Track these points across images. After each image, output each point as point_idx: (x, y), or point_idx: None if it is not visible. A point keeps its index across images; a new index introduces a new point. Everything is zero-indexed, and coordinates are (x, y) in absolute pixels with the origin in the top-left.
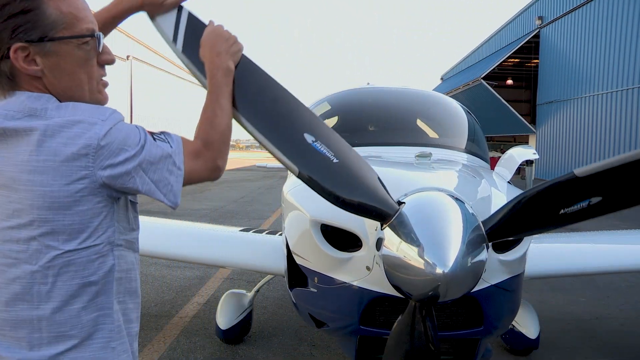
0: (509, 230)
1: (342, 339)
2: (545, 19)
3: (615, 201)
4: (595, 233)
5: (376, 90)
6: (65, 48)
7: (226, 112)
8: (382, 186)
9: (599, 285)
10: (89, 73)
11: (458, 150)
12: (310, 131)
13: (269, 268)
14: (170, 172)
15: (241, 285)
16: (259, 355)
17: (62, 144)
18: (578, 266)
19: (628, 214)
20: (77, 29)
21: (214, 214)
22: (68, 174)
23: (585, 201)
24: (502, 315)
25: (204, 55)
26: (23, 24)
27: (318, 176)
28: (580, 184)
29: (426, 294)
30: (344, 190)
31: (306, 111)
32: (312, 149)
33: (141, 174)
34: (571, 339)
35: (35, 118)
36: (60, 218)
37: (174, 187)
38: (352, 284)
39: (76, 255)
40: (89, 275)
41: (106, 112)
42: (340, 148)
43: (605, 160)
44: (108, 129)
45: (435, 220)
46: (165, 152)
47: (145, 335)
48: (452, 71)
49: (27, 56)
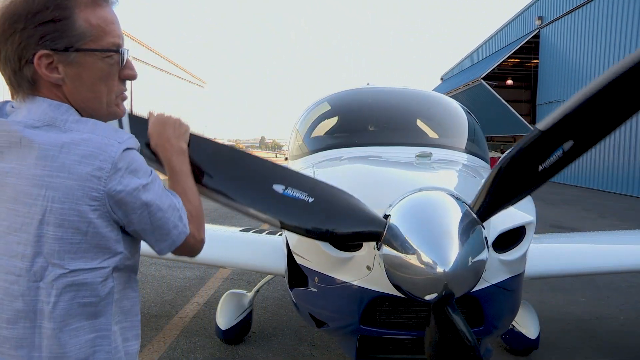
0: (497, 203)
1: (342, 339)
2: (545, 19)
3: (587, 139)
4: (595, 233)
5: (376, 90)
6: (89, 60)
7: (192, 191)
8: (364, 207)
9: (599, 285)
10: (109, 86)
11: (458, 150)
12: (277, 181)
13: (269, 268)
14: (175, 227)
15: (241, 285)
16: (259, 355)
17: (76, 162)
18: (578, 266)
19: (628, 214)
20: (103, 42)
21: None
22: (80, 194)
23: (559, 150)
24: (503, 314)
25: (156, 145)
26: (51, 32)
27: (300, 221)
28: (548, 135)
29: (427, 293)
30: (329, 224)
31: (266, 163)
32: (285, 197)
33: (145, 215)
34: (571, 339)
35: (54, 128)
36: (69, 236)
37: (173, 242)
38: (352, 283)
39: (81, 275)
40: (89, 296)
41: (124, 136)
42: (312, 186)
43: (563, 106)
44: (124, 153)
45: (436, 219)
46: (174, 203)
47: (145, 335)
48: (452, 71)
49: (51, 63)
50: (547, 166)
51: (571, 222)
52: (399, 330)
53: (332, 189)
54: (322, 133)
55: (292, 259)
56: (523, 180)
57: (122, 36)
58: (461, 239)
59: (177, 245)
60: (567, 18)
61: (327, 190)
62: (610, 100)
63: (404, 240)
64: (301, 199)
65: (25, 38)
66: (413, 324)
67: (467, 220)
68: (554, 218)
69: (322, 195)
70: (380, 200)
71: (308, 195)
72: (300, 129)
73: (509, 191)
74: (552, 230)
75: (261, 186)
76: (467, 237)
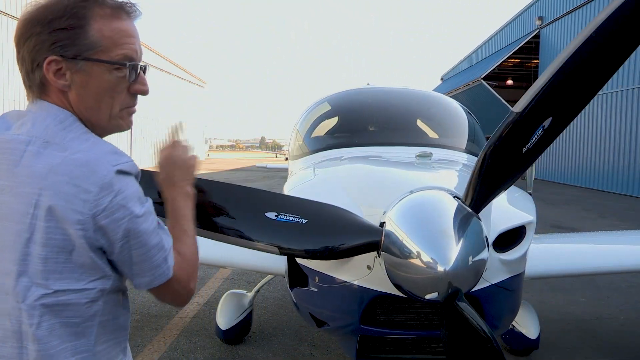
0: (488, 191)
1: (342, 339)
2: (545, 19)
3: (565, 113)
4: (595, 233)
5: (376, 91)
6: (97, 70)
7: (191, 236)
8: (358, 219)
9: (599, 285)
10: (115, 98)
11: (458, 150)
12: (269, 209)
13: (269, 268)
14: (157, 267)
15: (241, 285)
16: (259, 355)
17: (64, 182)
18: (578, 266)
19: (628, 214)
20: (112, 54)
21: None
22: (64, 215)
23: (539, 129)
24: (503, 314)
25: (163, 180)
26: (63, 39)
27: (297, 244)
28: (526, 117)
29: (428, 293)
30: (327, 242)
31: (255, 192)
32: (279, 223)
33: (126, 247)
34: (571, 339)
35: (52, 145)
36: (54, 256)
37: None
38: (352, 283)
39: (66, 296)
40: (73, 317)
41: (121, 158)
42: (304, 207)
43: (534, 85)
44: (116, 177)
45: (431, 218)
46: (162, 242)
47: (145, 335)
48: (452, 71)
49: (60, 70)
50: (530, 146)
51: (571, 222)
52: (400, 330)
53: (324, 207)
54: (322, 133)
55: (292, 258)
56: (509, 165)
57: (139, 51)
58: (458, 234)
59: (156, 285)
60: (567, 18)
61: (319, 209)
62: (580, 70)
63: (402, 246)
64: (295, 221)
65: (39, 42)
66: (413, 323)
67: (462, 215)
68: (554, 218)
69: (315, 215)
70: (381, 201)
71: (301, 217)
72: (300, 129)
73: (497, 178)
74: (552, 230)
75: (254, 216)
76: (464, 232)
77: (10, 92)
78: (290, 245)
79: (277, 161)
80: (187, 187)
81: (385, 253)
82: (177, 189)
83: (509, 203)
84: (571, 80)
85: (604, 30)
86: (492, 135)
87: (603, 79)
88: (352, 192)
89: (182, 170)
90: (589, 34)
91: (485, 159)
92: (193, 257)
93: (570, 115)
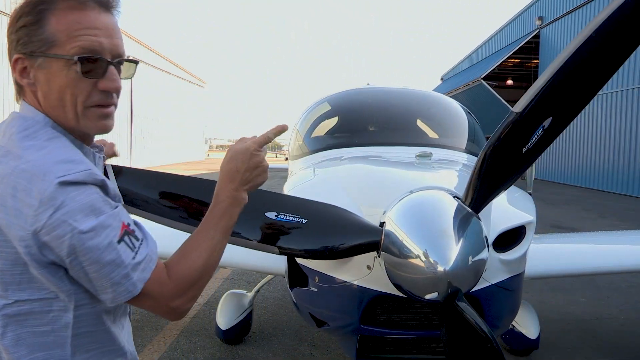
0: (488, 191)
1: (342, 338)
2: (545, 19)
3: (565, 113)
4: (595, 233)
5: (376, 91)
6: (56, 66)
7: (205, 250)
8: (358, 219)
9: (599, 285)
10: (78, 96)
11: (458, 150)
12: (269, 208)
13: (269, 268)
14: (118, 284)
15: (241, 285)
16: (259, 355)
17: (9, 195)
18: (578, 266)
19: (628, 214)
20: (68, 47)
21: None
22: (9, 230)
23: (539, 129)
24: (503, 314)
25: (226, 171)
26: (23, 37)
27: (297, 244)
28: (526, 117)
29: (428, 293)
30: (327, 242)
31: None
32: (279, 223)
33: (76, 264)
34: (571, 339)
35: (9, 154)
36: (9, 268)
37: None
38: (352, 283)
39: (27, 305)
40: (40, 325)
41: (72, 169)
42: (304, 207)
43: (534, 85)
44: (59, 189)
45: (431, 218)
46: (119, 259)
47: (145, 335)
48: (452, 71)
49: (25, 68)
50: (530, 146)
51: (571, 222)
52: (400, 330)
53: (324, 207)
54: (322, 133)
55: (292, 259)
56: (509, 165)
57: (107, 43)
58: (458, 234)
59: (121, 302)
60: (567, 18)
61: (319, 209)
62: (580, 70)
63: (402, 246)
64: (295, 222)
65: (9, 42)
66: (413, 323)
67: (462, 215)
68: (554, 218)
69: (315, 215)
70: (381, 201)
71: (301, 217)
72: (300, 129)
73: (497, 178)
74: (552, 230)
75: (254, 216)
76: (464, 232)
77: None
78: (290, 245)
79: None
80: (244, 193)
81: (385, 253)
82: (232, 189)
83: (508, 203)
84: (571, 80)
85: (604, 30)
86: (492, 135)
87: (603, 79)
88: (352, 192)
89: (252, 173)
90: (589, 34)
91: (485, 159)
92: (191, 275)
93: (570, 115)
